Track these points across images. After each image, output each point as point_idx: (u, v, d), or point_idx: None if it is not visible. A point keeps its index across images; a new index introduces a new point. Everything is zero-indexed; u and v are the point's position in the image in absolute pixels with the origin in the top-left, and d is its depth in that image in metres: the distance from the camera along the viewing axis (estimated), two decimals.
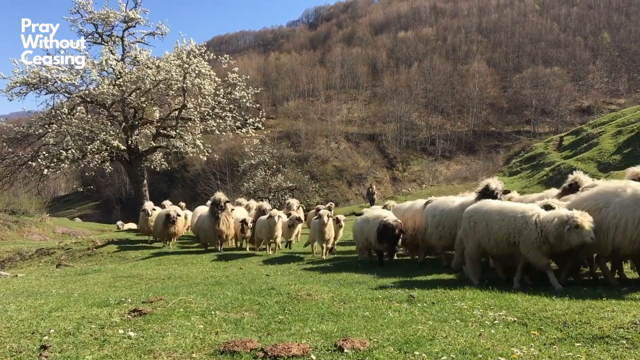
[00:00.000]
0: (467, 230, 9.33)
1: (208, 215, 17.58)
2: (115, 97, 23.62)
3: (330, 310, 6.73)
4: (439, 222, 11.57)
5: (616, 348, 4.58)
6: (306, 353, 4.65)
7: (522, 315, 6.11)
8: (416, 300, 7.26)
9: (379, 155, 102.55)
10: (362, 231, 13.02)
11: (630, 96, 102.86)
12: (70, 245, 21.61)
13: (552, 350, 4.62)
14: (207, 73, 25.14)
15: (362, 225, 13.02)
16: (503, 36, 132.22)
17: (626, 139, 39.85)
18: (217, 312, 6.59)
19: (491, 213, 8.84)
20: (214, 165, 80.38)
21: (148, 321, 6.03)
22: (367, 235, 12.62)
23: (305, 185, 48.06)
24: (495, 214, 8.75)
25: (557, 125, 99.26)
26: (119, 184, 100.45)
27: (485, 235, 8.86)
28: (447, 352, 4.60)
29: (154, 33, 26.61)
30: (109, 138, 23.10)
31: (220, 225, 17.08)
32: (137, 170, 25.64)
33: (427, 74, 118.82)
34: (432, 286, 8.75)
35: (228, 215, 17.41)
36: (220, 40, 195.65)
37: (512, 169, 58.28)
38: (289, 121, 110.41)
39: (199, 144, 25.97)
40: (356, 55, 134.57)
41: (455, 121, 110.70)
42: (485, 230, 8.84)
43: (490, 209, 8.97)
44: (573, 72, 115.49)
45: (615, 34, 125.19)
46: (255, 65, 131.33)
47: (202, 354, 4.77)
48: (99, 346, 5.03)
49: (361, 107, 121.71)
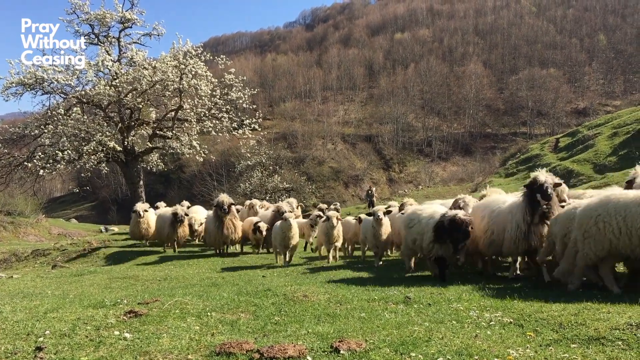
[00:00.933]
0: (590, 231, 7.55)
1: (212, 219, 16.56)
2: (112, 97, 23.57)
3: (326, 312, 6.73)
4: (487, 225, 9.88)
5: (612, 349, 4.58)
6: (302, 354, 4.64)
7: (518, 316, 6.11)
8: (412, 301, 7.27)
9: (375, 157, 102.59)
10: (410, 233, 10.43)
11: (626, 98, 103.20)
12: (66, 246, 21.53)
13: (547, 352, 4.62)
14: (203, 74, 25.12)
15: (410, 225, 10.43)
16: (499, 38, 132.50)
17: (622, 140, 39.96)
18: (213, 313, 6.58)
19: (629, 206, 7.17)
20: (210, 166, 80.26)
21: (144, 322, 6.01)
22: (416, 237, 10.10)
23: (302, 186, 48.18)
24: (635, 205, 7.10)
25: (553, 126, 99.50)
26: (115, 185, 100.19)
27: (624, 234, 7.16)
28: (443, 354, 4.60)
29: (151, 34, 26.63)
30: (105, 139, 23.04)
31: (224, 231, 16.05)
32: (133, 171, 25.60)
33: (424, 75, 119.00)
34: (428, 287, 8.76)
35: (234, 218, 16.44)
36: (216, 41, 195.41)
37: (508, 170, 58.40)
38: (286, 122, 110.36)
39: (195, 145, 25.94)
40: (353, 56, 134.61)
41: (451, 122, 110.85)
42: (622, 227, 7.15)
43: (626, 201, 7.28)
44: (569, 73, 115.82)
45: (611, 35, 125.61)
46: (251, 66, 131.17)
47: (197, 355, 4.76)
48: (94, 347, 5.01)
49: (358, 108, 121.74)
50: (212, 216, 16.60)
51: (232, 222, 16.26)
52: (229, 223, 16.12)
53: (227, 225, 16.07)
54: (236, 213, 16.78)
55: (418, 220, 10.15)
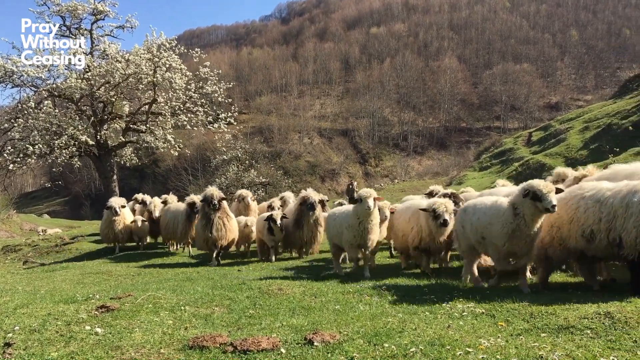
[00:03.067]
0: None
1: (200, 216, 13.95)
2: (84, 91, 23.18)
3: (301, 305, 6.74)
4: None
5: (580, 338, 4.67)
6: (276, 347, 4.64)
7: (490, 307, 6.20)
8: (387, 293, 7.32)
9: (351, 151, 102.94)
10: None
11: (597, 93, 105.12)
12: (38, 242, 21.22)
13: (518, 341, 4.69)
14: (178, 67, 24.84)
15: None
16: (474, 33, 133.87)
17: (593, 134, 40.62)
18: (187, 307, 6.54)
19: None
20: (185, 160, 79.62)
21: (116, 317, 5.95)
22: None
23: (279, 180, 47.98)
24: None
25: (526, 121, 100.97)
26: (88, 179, 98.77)
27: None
28: (415, 344, 4.64)
29: (124, 26, 26.22)
30: (77, 133, 22.67)
31: (213, 231, 13.15)
32: (107, 166, 25.24)
33: (399, 69, 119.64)
34: (403, 280, 8.83)
35: (227, 217, 13.44)
36: (191, 34, 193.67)
37: (482, 164, 58.92)
38: (262, 116, 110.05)
39: (170, 139, 25.67)
40: (329, 50, 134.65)
41: (426, 117, 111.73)
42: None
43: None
44: (542, 68, 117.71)
45: (582, 31, 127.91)
46: (227, 59, 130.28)
47: (170, 349, 4.72)
48: (64, 343, 4.94)
49: (334, 102, 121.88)
50: (200, 214, 14.07)
51: (223, 222, 13.37)
52: (219, 222, 13.26)
53: (217, 224, 13.22)
54: (229, 211, 13.93)
55: None
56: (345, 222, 9.79)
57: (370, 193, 9.22)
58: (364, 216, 9.27)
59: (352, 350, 4.51)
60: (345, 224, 9.79)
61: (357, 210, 9.35)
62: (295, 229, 13.33)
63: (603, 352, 4.25)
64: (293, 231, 13.39)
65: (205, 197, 13.29)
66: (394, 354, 4.41)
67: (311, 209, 13.00)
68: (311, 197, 13.11)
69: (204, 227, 13.38)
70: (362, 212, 9.20)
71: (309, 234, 13.39)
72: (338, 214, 10.57)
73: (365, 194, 9.19)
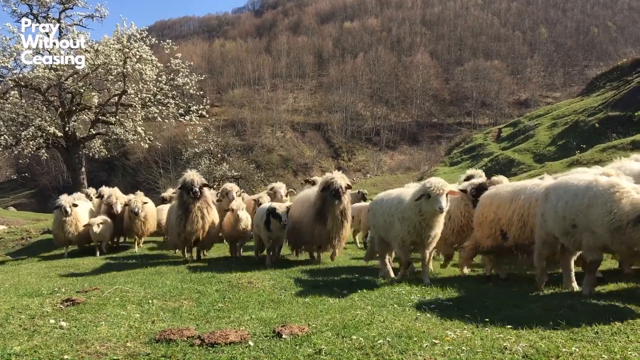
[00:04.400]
0: None
1: (174, 208, 11.80)
2: (51, 81, 22.69)
3: (270, 298, 6.74)
4: None
5: (544, 329, 4.78)
6: (244, 340, 4.63)
7: (458, 300, 6.29)
8: (356, 286, 7.36)
9: (324, 145, 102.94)
10: None
11: (565, 90, 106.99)
12: (3, 234, 20.75)
13: (484, 332, 4.77)
14: (148, 58, 24.45)
15: None
16: (446, 29, 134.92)
17: (560, 131, 41.43)
18: (155, 301, 6.49)
19: None
20: (156, 153, 78.74)
21: (81, 311, 5.87)
22: None
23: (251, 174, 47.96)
24: None
25: (496, 117, 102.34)
26: (56, 171, 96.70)
27: None
28: (383, 336, 4.68)
29: (93, 15, 25.66)
30: (44, 124, 22.23)
31: (188, 225, 11.08)
32: (75, 158, 24.77)
33: (372, 64, 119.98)
34: (373, 273, 8.89)
35: (207, 208, 11.38)
36: (163, 25, 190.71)
37: (453, 159, 59.67)
38: (234, 109, 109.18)
39: (140, 131, 25.30)
40: (302, 44, 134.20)
41: (399, 112, 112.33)
42: None
43: None
44: (512, 65, 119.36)
45: (552, 29, 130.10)
46: (199, 51, 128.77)
47: (136, 342, 4.67)
48: (28, 337, 4.85)
49: (307, 96, 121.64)
50: (175, 204, 11.92)
51: (203, 213, 11.25)
52: (197, 213, 11.16)
53: (196, 216, 11.14)
54: (211, 201, 11.87)
55: None
56: (399, 213, 7.85)
57: (442, 186, 7.21)
58: (430, 216, 7.46)
59: (320, 343, 4.53)
60: (398, 215, 7.87)
61: (421, 206, 7.41)
62: (315, 222, 10.30)
63: (566, 343, 4.34)
64: (312, 226, 10.37)
65: (185, 183, 11.01)
66: (361, 345, 4.43)
67: (336, 196, 9.98)
68: (337, 181, 10.02)
69: (179, 219, 11.15)
70: (429, 212, 7.37)
71: (334, 230, 10.35)
72: (387, 200, 8.55)
73: (435, 188, 7.16)
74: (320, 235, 10.29)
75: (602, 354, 4.05)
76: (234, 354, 4.31)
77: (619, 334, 4.52)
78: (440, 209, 7.12)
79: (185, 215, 11.04)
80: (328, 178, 10.17)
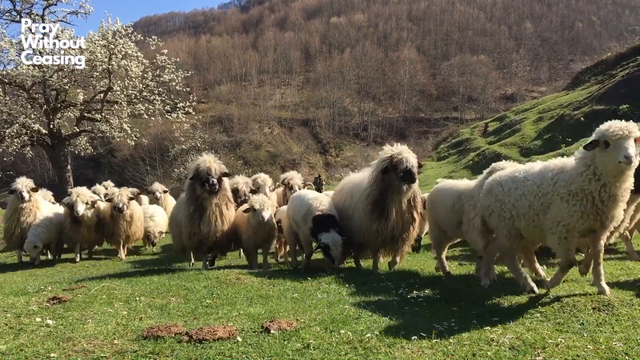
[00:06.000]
0: None
1: (188, 201, 9.35)
2: (36, 78, 22.50)
3: (259, 293, 6.72)
4: None
5: (530, 321, 4.84)
6: (232, 335, 4.62)
7: (445, 294, 6.33)
8: (344, 281, 7.37)
9: (312, 141, 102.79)
10: None
11: (550, 84, 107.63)
12: None
13: (471, 325, 4.81)
14: (134, 54, 24.32)
15: None
16: (432, 24, 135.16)
17: (546, 125, 41.69)
18: (142, 298, 6.45)
19: None
20: (143, 150, 78.12)
21: (68, 309, 5.82)
22: None
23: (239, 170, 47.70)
24: None
25: (482, 111, 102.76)
26: (42, 169, 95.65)
27: None
28: (371, 330, 4.70)
29: (77, 12, 25.55)
30: (29, 121, 22.08)
31: (204, 226, 9.05)
32: (60, 156, 24.60)
33: (359, 60, 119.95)
34: (363, 267, 8.91)
35: (226, 204, 9.29)
36: (148, 21, 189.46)
37: (440, 154, 59.85)
38: (221, 106, 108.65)
39: (126, 128, 25.18)
40: (289, 40, 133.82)
41: (386, 107, 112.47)
42: None
43: None
44: (498, 60, 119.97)
45: (537, 24, 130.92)
46: (185, 47, 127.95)
47: (124, 340, 4.65)
48: (14, 335, 4.81)
49: (294, 92, 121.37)
50: (185, 198, 9.56)
51: (222, 210, 9.19)
52: (214, 211, 9.09)
53: (212, 214, 9.08)
54: (231, 195, 9.62)
55: None
56: (551, 189, 5.33)
57: (626, 127, 4.78)
58: (613, 176, 4.88)
59: (309, 337, 4.54)
60: (552, 192, 5.31)
61: (596, 164, 4.95)
62: (372, 218, 7.85)
63: (552, 334, 4.39)
64: (368, 223, 7.91)
65: (199, 171, 8.79)
66: (349, 339, 4.45)
67: (408, 178, 7.38)
68: (407, 158, 7.39)
69: (191, 218, 9.10)
70: (610, 169, 4.86)
71: (399, 227, 7.87)
72: (513, 178, 6.03)
73: (618, 129, 4.78)
74: (379, 235, 7.84)
75: (588, 345, 4.10)
76: (222, 349, 4.30)
77: (604, 325, 4.58)
78: (627, 157, 4.64)
79: (199, 214, 8.99)
80: (394, 153, 7.48)
